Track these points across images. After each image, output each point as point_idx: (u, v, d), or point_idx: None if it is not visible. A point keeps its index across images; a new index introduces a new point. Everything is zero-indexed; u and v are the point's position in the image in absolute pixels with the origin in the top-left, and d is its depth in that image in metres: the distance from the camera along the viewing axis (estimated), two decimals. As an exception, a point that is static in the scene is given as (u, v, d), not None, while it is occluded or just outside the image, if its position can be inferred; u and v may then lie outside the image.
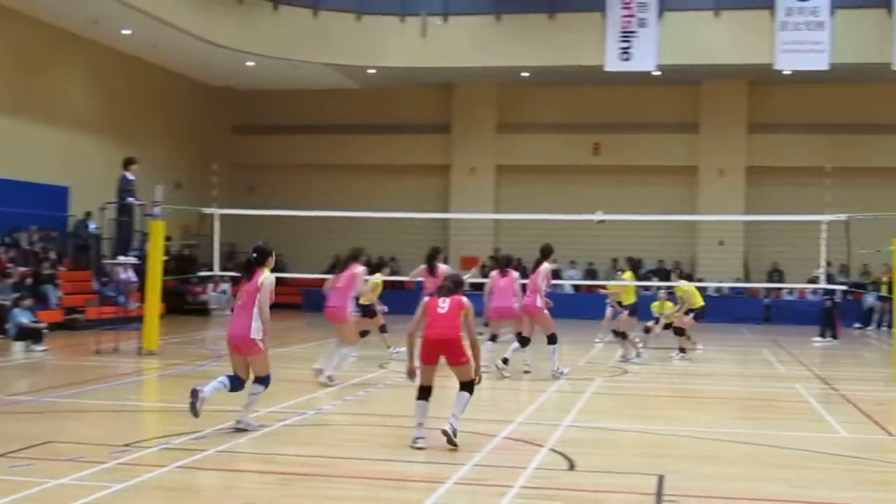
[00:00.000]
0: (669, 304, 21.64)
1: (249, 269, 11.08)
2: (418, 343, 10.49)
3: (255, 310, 10.81)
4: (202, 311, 32.00)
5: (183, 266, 30.55)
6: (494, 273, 17.23)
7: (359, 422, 11.87)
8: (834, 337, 25.86)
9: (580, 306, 30.20)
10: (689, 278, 21.63)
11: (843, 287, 25.63)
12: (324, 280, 16.59)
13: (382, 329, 19.43)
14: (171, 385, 15.51)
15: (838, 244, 19.84)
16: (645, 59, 30.96)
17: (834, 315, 26.30)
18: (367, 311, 18.81)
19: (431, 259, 17.52)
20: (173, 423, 11.60)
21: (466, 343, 10.38)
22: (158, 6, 27.73)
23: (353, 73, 34.91)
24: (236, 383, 11.06)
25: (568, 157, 36.18)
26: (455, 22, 33.06)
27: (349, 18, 33.06)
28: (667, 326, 20.91)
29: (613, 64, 31.21)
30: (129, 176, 19.81)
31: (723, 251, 32.47)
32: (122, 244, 20.29)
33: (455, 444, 10.04)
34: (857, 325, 31.20)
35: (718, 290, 33.05)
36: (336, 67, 33.97)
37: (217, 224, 21.27)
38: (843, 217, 19.25)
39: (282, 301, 21.13)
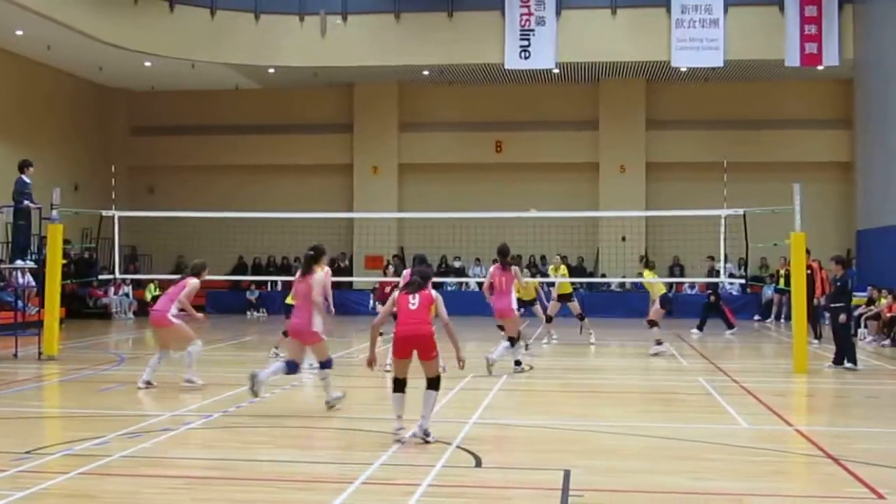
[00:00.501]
0: (564, 268, 22.66)
1: (307, 266, 12.72)
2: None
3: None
4: (104, 314, 31.47)
5: (83, 269, 30.00)
6: (495, 268, 17.03)
7: (265, 423, 11.77)
8: (730, 326, 26.25)
9: (485, 304, 30.25)
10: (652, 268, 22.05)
11: (742, 280, 26.16)
12: (229, 282, 16.64)
13: None
14: (72, 390, 15.20)
15: (736, 238, 20.25)
16: (544, 58, 31.33)
17: (721, 307, 26.69)
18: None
19: (504, 256, 17.08)
20: (75, 429, 11.39)
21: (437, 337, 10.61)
22: (51, 7, 27.23)
23: (252, 72, 34.65)
24: (293, 367, 12.62)
25: (470, 156, 36.38)
26: (354, 21, 33.03)
27: (247, 18, 32.82)
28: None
29: (513, 62, 31.52)
30: (26, 179, 19.37)
31: (625, 246, 32.93)
32: (20, 248, 19.84)
33: (428, 443, 10.31)
34: (756, 317, 31.88)
35: (621, 285, 33.51)
36: (235, 67, 33.71)
37: (117, 226, 20.93)
38: (740, 211, 19.64)
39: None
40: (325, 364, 12.70)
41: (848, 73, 32.77)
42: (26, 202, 19.25)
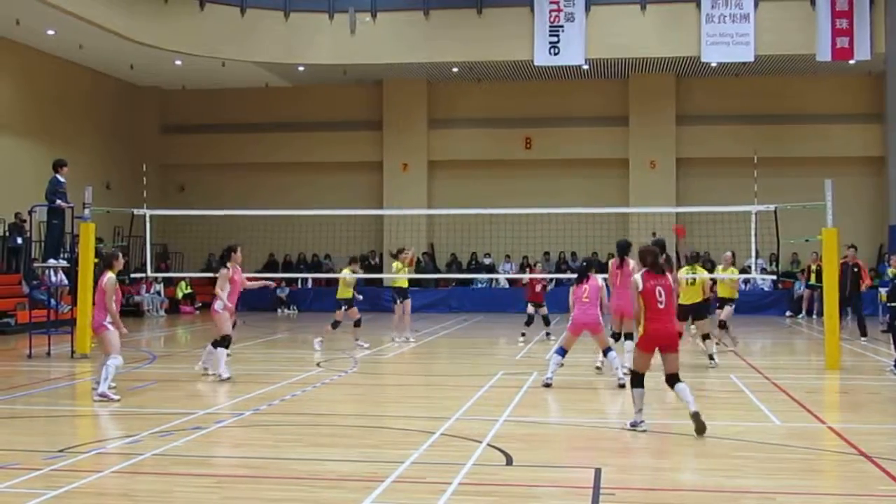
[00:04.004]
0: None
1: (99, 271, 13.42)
2: None
3: None
4: (135, 312, 31.66)
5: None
6: (613, 264, 16.20)
7: (295, 421, 11.80)
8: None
9: (515, 300, 30.35)
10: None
11: (773, 276, 25.99)
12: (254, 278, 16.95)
13: (357, 323, 20.61)
14: (104, 389, 15.28)
15: (768, 233, 20.13)
16: (573, 54, 31.25)
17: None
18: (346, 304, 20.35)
19: (623, 252, 16.08)
20: (108, 428, 11.49)
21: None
22: (82, 6, 27.44)
23: (282, 70, 34.76)
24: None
25: (499, 152, 36.34)
26: (383, 18, 33.08)
27: (277, 16, 32.92)
28: None
29: (542, 58, 31.46)
30: (60, 178, 19.53)
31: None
32: (53, 247, 20.01)
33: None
34: (788, 313, 31.70)
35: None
36: (265, 65, 33.83)
37: (148, 224, 21.05)
38: (771, 207, 19.51)
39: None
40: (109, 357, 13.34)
41: (880, 67, 32.49)
42: (59, 201, 19.41)
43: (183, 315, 33.00)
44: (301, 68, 34.28)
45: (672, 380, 11.00)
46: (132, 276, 27.17)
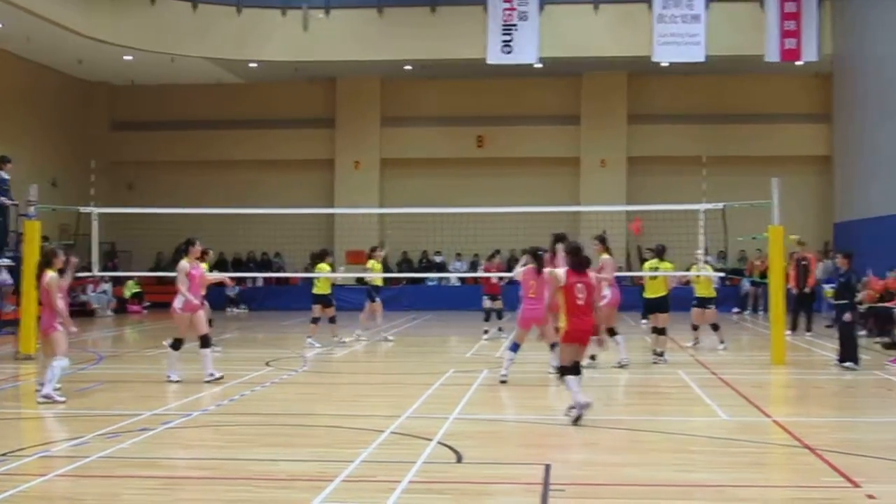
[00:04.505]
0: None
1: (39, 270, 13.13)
2: None
3: None
4: (82, 312, 31.28)
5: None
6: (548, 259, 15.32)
7: (244, 421, 11.73)
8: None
9: (466, 298, 30.41)
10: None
11: (721, 273, 26.20)
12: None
13: (332, 320, 20.98)
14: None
15: (716, 231, 20.29)
16: (526, 52, 31.30)
17: None
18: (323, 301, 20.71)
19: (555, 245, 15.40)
20: (53, 430, 11.35)
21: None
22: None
23: (234, 67, 34.54)
24: None
25: (452, 151, 36.34)
26: (337, 15, 32.98)
27: (230, 12, 32.70)
28: None
29: (495, 57, 31.48)
30: (3, 175, 19.23)
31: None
32: (-4, 245, 19.71)
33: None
34: (735, 309, 31.98)
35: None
36: (217, 62, 33.58)
37: (95, 223, 20.79)
38: (719, 205, 19.68)
39: (164, 300, 20.98)
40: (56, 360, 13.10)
41: (827, 68, 32.87)
42: (2, 199, 19.11)
43: (131, 314, 32.65)
44: (253, 65, 34.07)
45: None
46: (78, 274, 26.90)
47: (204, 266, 16.74)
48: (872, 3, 28.98)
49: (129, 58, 32.80)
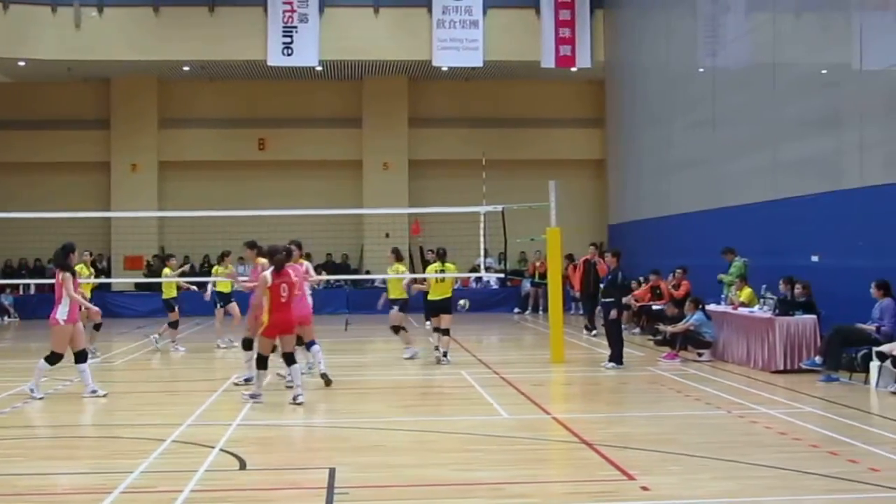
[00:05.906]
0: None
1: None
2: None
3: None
4: None
5: None
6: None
7: (17, 434, 11.27)
8: None
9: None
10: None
11: (502, 274, 26.82)
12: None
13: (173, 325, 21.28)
14: None
15: (496, 233, 20.75)
16: (307, 55, 31.30)
17: None
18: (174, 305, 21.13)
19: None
20: None
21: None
22: None
23: (1, 65, 33.01)
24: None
25: (233, 153, 35.84)
26: (111, 14, 32.00)
27: (-5, 8, 31.26)
28: None
29: (276, 59, 31.35)
30: None
31: (389, 243, 33.16)
32: None
33: None
34: (516, 310, 32.75)
35: (384, 281, 33.66)
36: (-18, 60, 32.03)
37: None
38: (498, 208, 20.13)
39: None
40: (314, 343, 15.18)
41: (600, 75, 34.07)
42: None
43: None
44: (22, 63, 32.66)
45: (289, 358, 13.38)
46: None
47: None
48: (639, 13, 30.24)
49: None
